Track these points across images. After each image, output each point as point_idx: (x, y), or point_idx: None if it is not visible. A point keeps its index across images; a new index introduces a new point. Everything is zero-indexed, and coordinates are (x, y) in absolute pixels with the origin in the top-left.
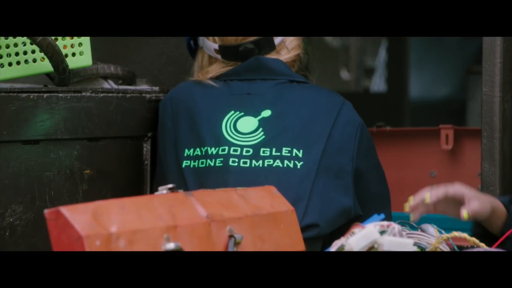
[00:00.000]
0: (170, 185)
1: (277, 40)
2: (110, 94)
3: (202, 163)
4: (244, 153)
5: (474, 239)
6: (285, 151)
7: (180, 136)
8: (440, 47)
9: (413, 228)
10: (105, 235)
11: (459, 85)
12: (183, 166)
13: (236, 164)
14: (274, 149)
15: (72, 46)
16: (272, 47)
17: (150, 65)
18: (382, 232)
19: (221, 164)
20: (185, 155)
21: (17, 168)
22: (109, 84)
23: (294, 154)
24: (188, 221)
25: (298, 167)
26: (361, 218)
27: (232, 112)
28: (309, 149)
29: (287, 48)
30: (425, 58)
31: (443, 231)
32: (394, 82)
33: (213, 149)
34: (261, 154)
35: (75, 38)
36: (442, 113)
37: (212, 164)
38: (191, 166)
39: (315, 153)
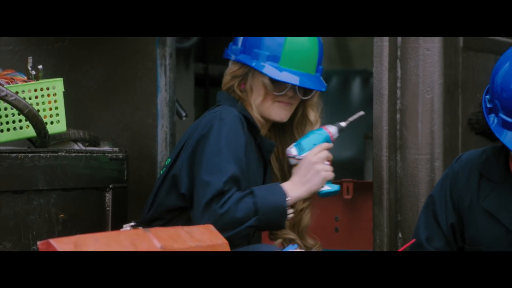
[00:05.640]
0: (133, 223)
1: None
2: (81, 154)
3: None
4: None
5: None
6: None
7: None
8: (345, 116)
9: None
10: None
11: (359, 147)
12: None
13: None
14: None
15: (51, 116)
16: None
17: (110, 131)
18: None
19: None
20: None
21: (7, 213)
22: (78, 146)
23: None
24: (147, 250)
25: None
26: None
27: None
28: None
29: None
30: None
31: None
32: None
33: None
34: None
35: (53, 109)
36: (346, 170)
37: None
38: None
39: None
